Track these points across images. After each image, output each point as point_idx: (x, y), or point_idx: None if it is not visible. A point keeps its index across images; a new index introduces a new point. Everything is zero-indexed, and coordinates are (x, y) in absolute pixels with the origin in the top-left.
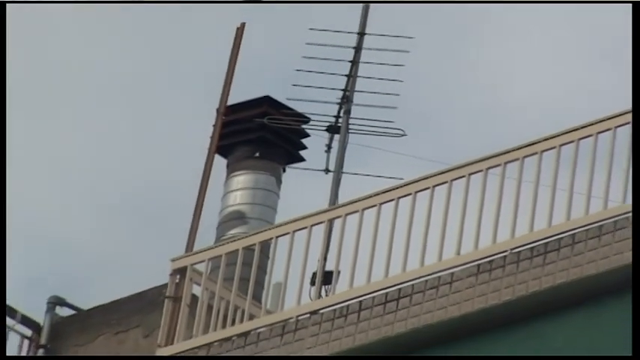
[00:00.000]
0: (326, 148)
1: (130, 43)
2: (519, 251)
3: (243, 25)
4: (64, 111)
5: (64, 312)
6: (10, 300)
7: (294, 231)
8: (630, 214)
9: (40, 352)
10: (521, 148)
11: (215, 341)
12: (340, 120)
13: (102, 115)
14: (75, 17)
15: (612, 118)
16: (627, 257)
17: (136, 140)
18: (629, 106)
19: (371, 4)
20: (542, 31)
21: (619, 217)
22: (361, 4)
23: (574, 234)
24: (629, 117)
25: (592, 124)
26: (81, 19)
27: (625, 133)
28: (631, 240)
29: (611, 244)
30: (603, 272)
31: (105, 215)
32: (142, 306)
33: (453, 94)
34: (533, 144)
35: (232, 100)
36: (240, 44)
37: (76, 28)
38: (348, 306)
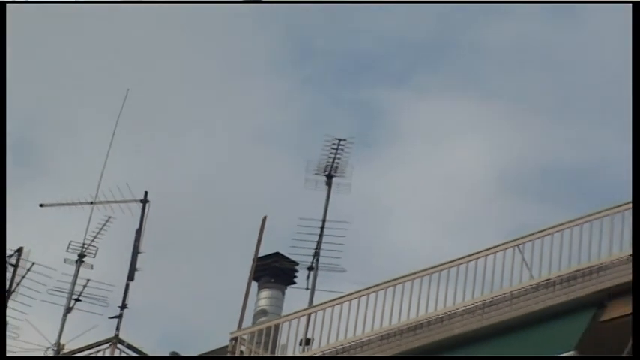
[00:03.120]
0: (306, 277)
1: None
2: (409, 327)
3: (265, 217)
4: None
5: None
6: (152, 350)
7: (291, 320)
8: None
9: None
10: (407, 275)
11: None
12: (314, 263)
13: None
14: None
15: (453, 260)
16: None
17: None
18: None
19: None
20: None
21: (464, 308)
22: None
23: (436, 318)
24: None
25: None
26: None
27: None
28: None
29: (457, 323)
30: (451, 336)
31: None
32: (218, 356)
33: (370, 250)
34: (412, 274)
35: (262, 252)
36: (263, 228)
37: None
38: (319, 357)
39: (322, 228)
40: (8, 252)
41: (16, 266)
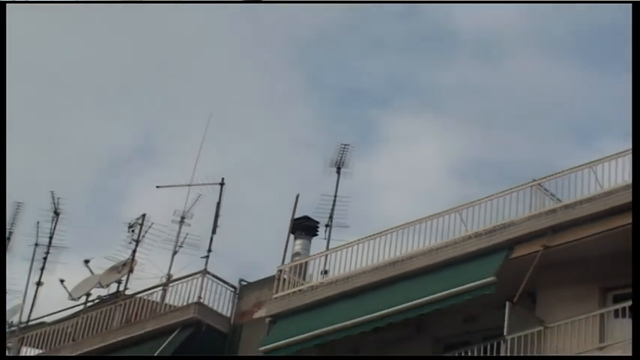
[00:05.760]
0: (325, 231)
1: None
2: (390, 262)
3: (298, 194)
4: None
5: (243, 283)
6: (228, 278)
7: (315, 258)
8: None
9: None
10: (388, 229)
11: (292, 292)
12: (329, 222)
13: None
14: None
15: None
16: None
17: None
18: None
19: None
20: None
21: (423, 250)
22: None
23: (406, 256)
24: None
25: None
26: None
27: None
28: None
29: (419, 259)
30: (415, 268)
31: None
32: (269, 281)
33: (365, 214)
34: (391, 229)
35: (296, 215)
36: (297, 201)
37: None
38: (332, 282)
39: (334, 200)
40: (136, 216)
41: (141, 225)
